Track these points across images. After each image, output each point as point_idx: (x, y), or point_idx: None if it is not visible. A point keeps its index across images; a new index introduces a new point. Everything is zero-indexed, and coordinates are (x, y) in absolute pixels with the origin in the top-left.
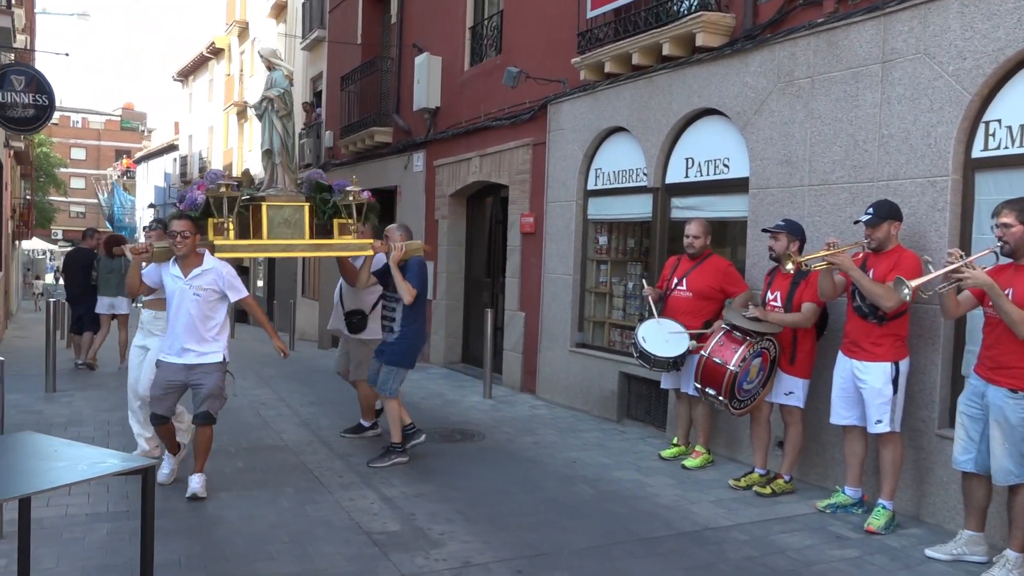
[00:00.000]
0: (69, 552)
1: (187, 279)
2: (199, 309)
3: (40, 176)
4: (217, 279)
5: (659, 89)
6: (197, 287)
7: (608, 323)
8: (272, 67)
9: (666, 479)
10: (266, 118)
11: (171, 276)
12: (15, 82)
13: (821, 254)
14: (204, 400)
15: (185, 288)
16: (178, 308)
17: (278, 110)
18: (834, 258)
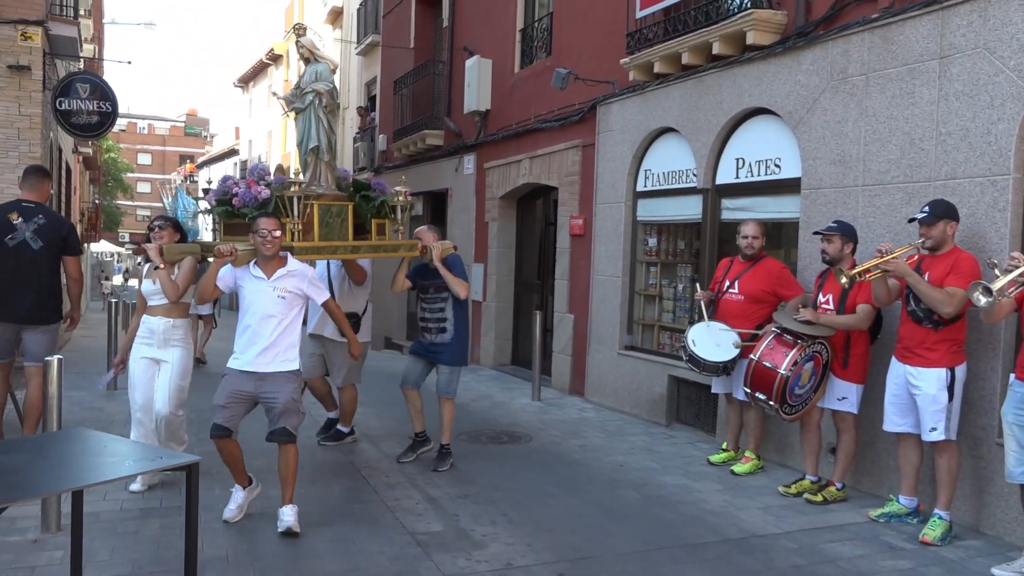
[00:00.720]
0: (122, 545)
1: (270, 280)
2: (282, 312)
3: (108, 181)
4: (300, 281)
5: (709, 89)
6: (281, 289)
7: (657, 325)
8: (313, 59)
9: (714, 484)
10: (311, 113)
11: (252, 278)
12: (80, 90)
13: (875, 262)
14: (280, 416)
15: (268, 290)
16: (255, 312)
17: (326, 105)
18: (888, 265)
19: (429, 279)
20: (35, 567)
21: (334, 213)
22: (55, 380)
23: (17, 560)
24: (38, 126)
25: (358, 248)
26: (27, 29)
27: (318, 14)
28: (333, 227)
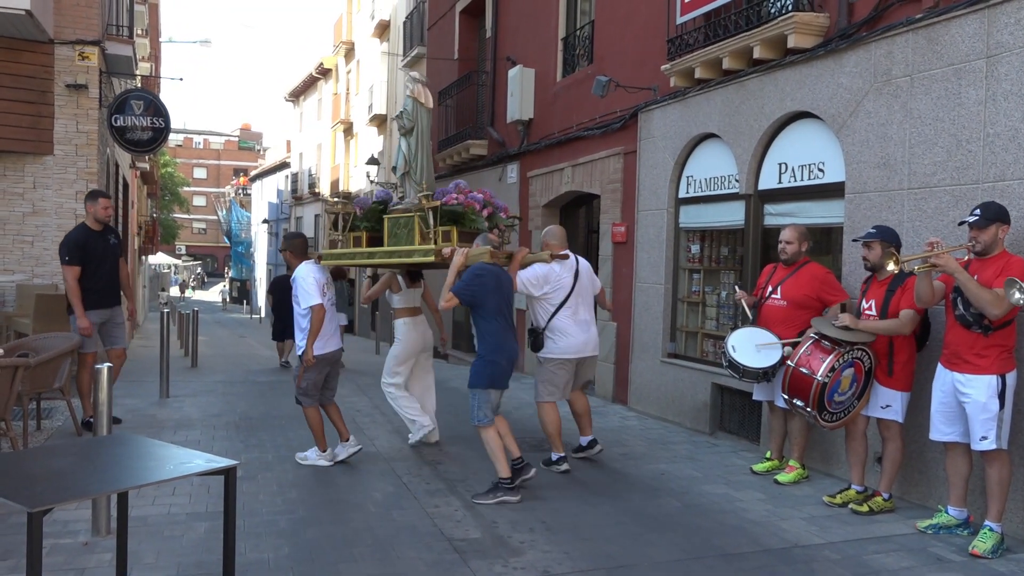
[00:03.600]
0: (168, 548)
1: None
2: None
3: (165, 195)
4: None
5: (750, 93)
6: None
7: (701, 333)
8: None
9: (757, 494)
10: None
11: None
12: (135, 106)
13: (923, 255)
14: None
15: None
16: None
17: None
18: (938, 259)
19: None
20: (84, 569)
21: (401, 224)
22: (104, 387)
23: (68, 562)
24: (95, 143)
25: (373, 254)
26: (84, 49)
27: (366, 28)
28: (400, 236)
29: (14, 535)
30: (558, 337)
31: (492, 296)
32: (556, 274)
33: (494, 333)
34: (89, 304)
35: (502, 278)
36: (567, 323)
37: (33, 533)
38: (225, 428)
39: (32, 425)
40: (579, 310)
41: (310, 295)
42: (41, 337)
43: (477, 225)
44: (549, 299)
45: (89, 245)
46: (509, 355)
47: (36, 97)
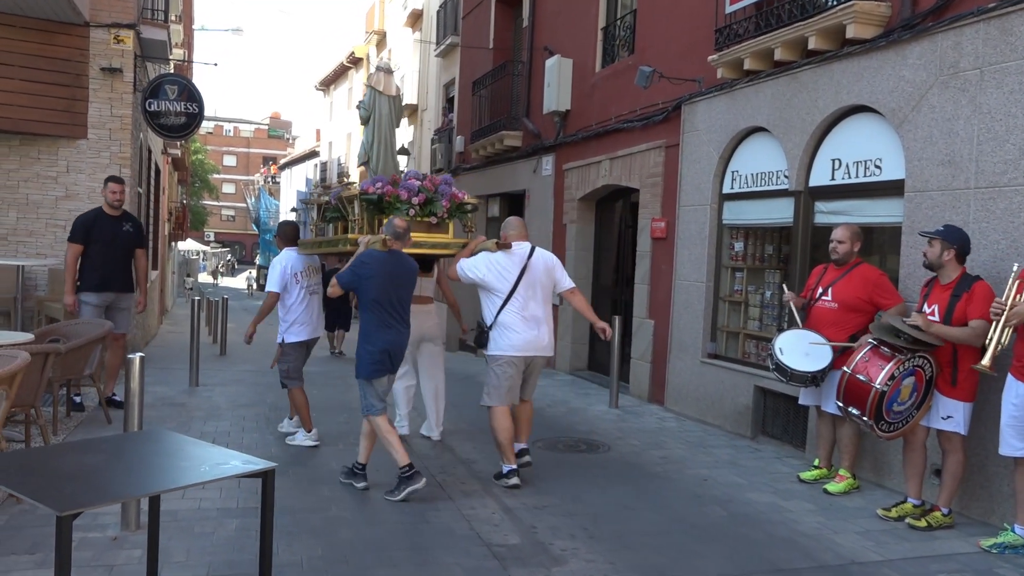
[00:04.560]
0: (198, 546)
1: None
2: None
3: (195, 181)
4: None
5: (803, 86)
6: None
7: (743, 333)
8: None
9: (806, 504)
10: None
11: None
12: (168, 91)
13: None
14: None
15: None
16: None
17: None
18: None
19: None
20: (114, 566)
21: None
22: (137, 377)
23: (97, 557)
24: (129, 127)
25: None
26: (120, 33)
27: (398, 17)
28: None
29: (41, 527)
30: (503, 333)
31: (373, 284)
32: (499, 264)
33: (368, 321)
34: (91, 285)
35: (396, 267)
36: (513, 318)
37: (62, 536)
38: (255, 420)
39: (61, 412)
40: (528, 304)
41: (273, 281)
42: (72, 323)
43: (403, 213)
44: (494, 291)
45: (97, 227)
46: (383, 344)
47: (71, 80)
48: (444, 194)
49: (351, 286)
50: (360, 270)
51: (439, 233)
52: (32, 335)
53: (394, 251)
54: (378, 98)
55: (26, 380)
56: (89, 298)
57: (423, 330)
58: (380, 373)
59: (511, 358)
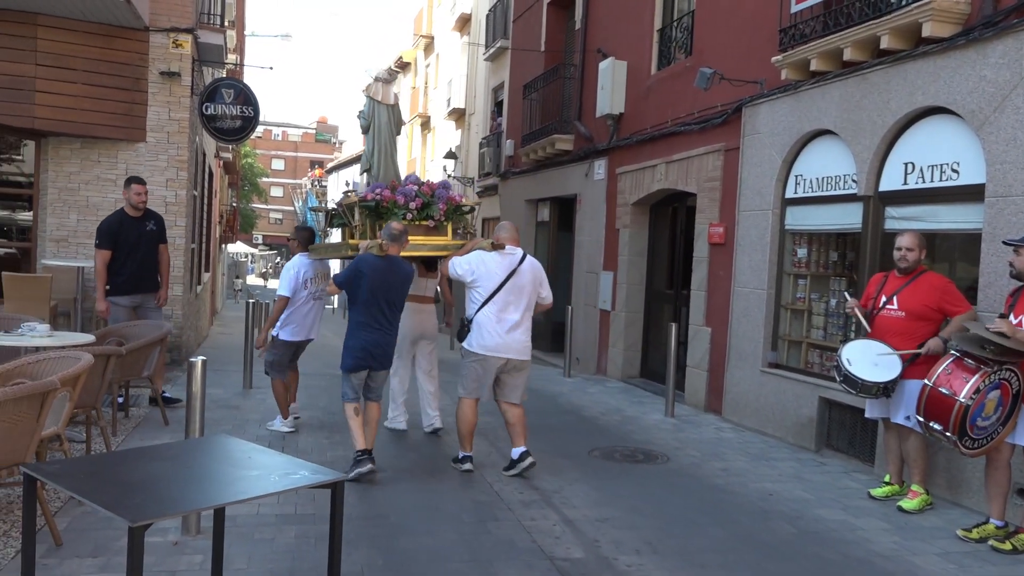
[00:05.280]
0: (259, 553)
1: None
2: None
3: (245, 185)
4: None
5: (874, 87)
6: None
7: (806, 342)
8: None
9: (879, 522)
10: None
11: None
12: (225, 95)
13: None
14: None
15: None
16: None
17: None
18: None
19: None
20: (176, 572)
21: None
22: (198, 381)
23: (159, 563)
24: (186, 130)
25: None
26: (178, 37)
27: (446, 22)
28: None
29: (103, 530)
30: (477, 332)
31: (366, 286)
32: (487, 266)
33: (354, 321)
34: (122, 288)
35: (388, 271)
36: (489, 319)
37: (134, 546)
38: (308, 423)
39: (120, 413)
40: (508, 308)
41: (283, 285)
42: (131, 324)
43: (398, 218)
44: (477, 289)
45: (122, 231)
46: (364, 344)
47: (130, 84)
48: (441, 197)
49: (344, 286)
50: (353, 272)
51: (437, 236)
52: (93, 336)
53: (390, 256)
54: (377, 107)
55: (88, 381)
56: (121, 300)
57: (423, 328)
58: (358, 368)
59: (481, 356)
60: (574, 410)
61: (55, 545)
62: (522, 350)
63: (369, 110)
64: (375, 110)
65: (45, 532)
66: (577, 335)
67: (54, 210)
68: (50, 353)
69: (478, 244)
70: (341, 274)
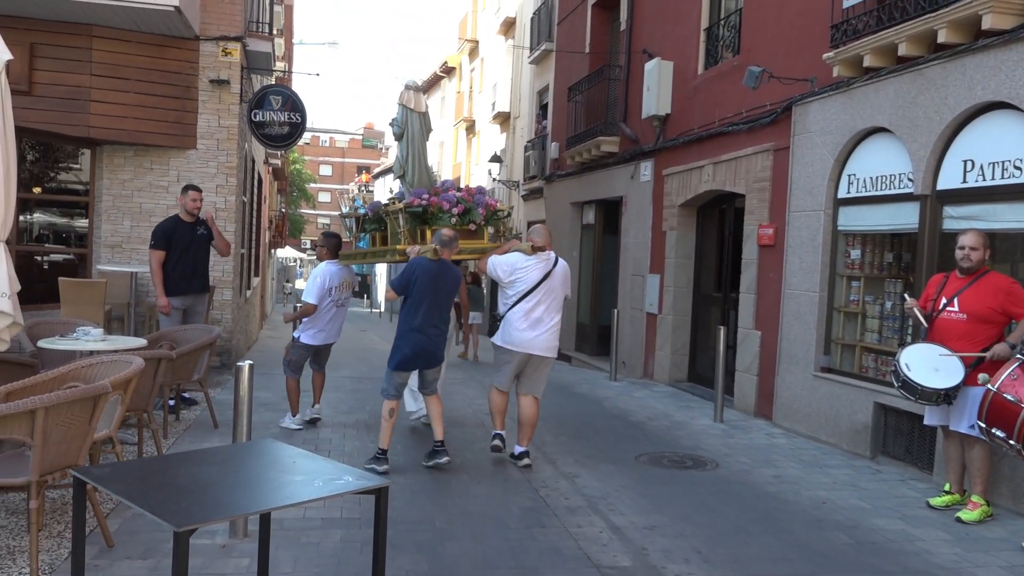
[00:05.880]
0: (305, 557)
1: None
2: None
3: (293, 191)
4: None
5: (931, 82)
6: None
7: (860, 346)
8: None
9: (939, 533)
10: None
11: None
12: (273, 102)
13: None
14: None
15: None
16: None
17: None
18: None
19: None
20: (223, 575)
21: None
22: (245, 385)
23: (206, 565)
24: (235, 137)
25: (365, 255)
26: (227, 45)
27: (491, 26)
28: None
29: (153, 532)
30: (507, 329)
31: (418, 289)
32: (523, 268)
33: (406, 322)
34: (173, 289)
35: (440, 275)
36: (518, 317)
37: (180, 552)
38: (355, 427)
39: (171, 416)
40: (538, 308)
41: (310, 292)
42: (181, 328)
43: (444, 223)
44: (509, 290)
45: (177, 234)
46: (414, 345)
47: (181, 92)
48: (480, 203)
49: (402, 290)
50: (409, 276)
51: (476, 239)
52: (145, 340)
53: (442, 260)
54: (410, 115)
55: (140, 385)
56: (172, 301)
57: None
58: (404, 368)
59: (509, 351)
60: (621, 415)
61: (107, 547)
62: (547, 348)
63: (402, 118)
64: (408, 118)
65: (97, 533)
66: (623, 338)
67: (109, 216)
68: (103, 357)
69: (515, 246)
70: (396, 279)
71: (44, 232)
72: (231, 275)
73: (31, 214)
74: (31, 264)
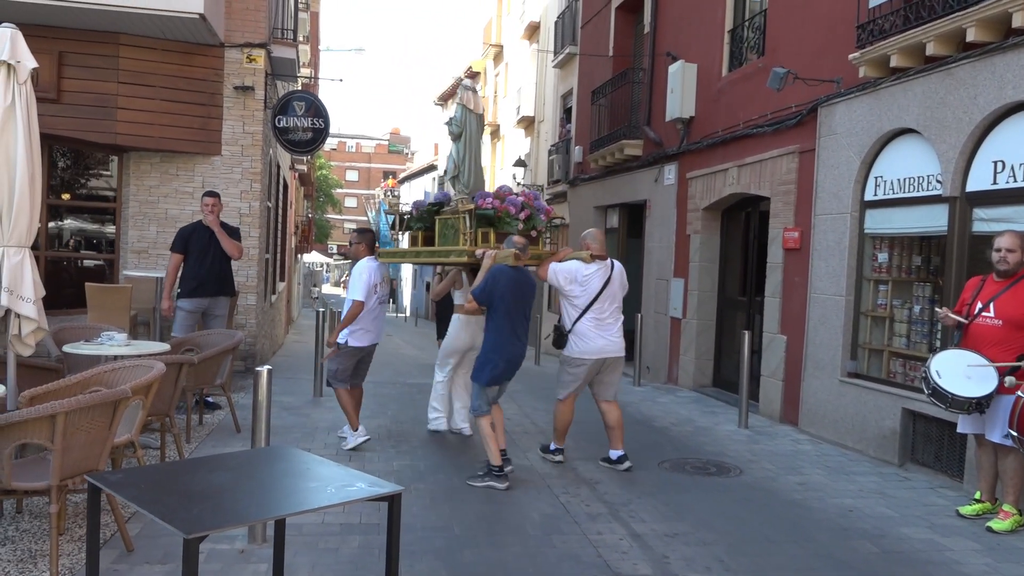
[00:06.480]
0: (323, 562)
1: None
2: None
3: (320, 196)
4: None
5: (960, 82)
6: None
7: (887, 351)
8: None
9: (968, 542)
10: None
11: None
12: (296, 107)
13: None
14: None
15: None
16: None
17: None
18: None
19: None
20: None
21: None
22: (264, 390)
23: (225, 571)
24: (259, 143)
25: (419, 253)
26: (252, 52)
27: (515, 30)
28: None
29: (173, 535)
30: (578, 340)
31: (504, 298)
32: (584, 276)
33: (496, 333)
34: (187, 291)
35: (521, 282)
36: (588, 327)
37: (189, 557)
38: (376, 432)
39: (194, 420)
40: (604, 314)
41: (357, 290)
42: (204, 333)
43: (510, 228)
44: (575, 301)
45: (194, 237)
46: (507, 356)
47: (206, 99)
48: (541, 209)
49: (489, 300)
50: (494, 284)
51: (533, 246)
52: (168, 345)
53: (520, 268)
54: (468, 116)
55: (161, 390)
56: (184, 304)
57: (475, 339)
58: (496, 382)
59: (582, 361)
60: (644, 420)
61: (127, 551)
62: (620, 348)
63: (461, 118)
64: (466, 118)
65: (118, 537)
66: (647, 343)
67: (135, 223)
68: (126, 362)
69: (572, 254)
70: (479, 287)
71: (76, 238)
72: (255, 280)
73: (62, 220)
74: (60, 270)
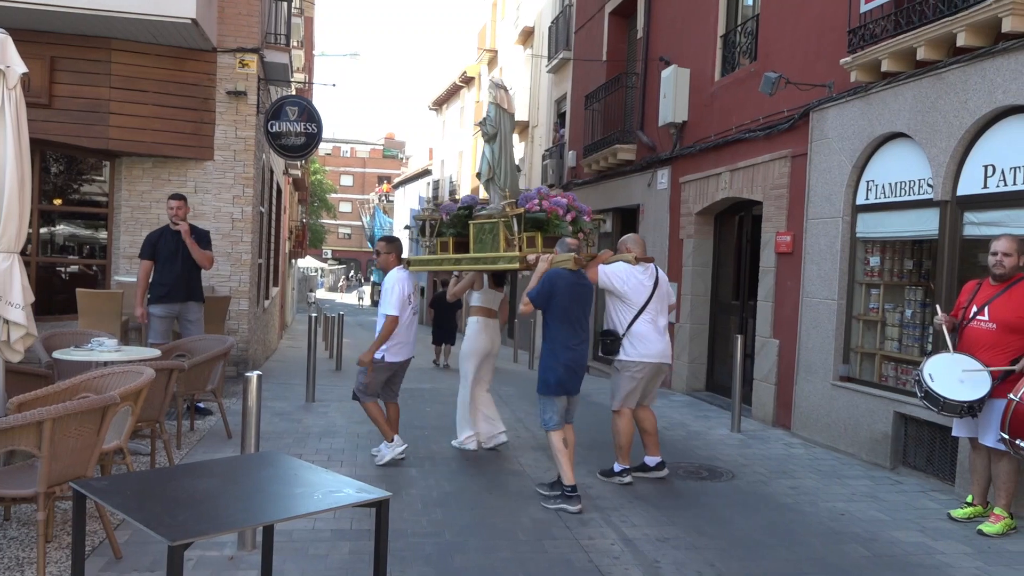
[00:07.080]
0: (313, 569)
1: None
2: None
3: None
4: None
5: (950, 87)
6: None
7: (879, 355)
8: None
9: (960, 546)
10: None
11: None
12: (289, 112)
13: None
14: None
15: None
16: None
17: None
18: None
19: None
20: None
21: (487, 230)
22: (254, 396)
23: None
24: (252, 148)
25: (460, 261)
26: (244, 57)
27: (509, 35)
28: (486, 242)
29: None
30: (638, 342)
31: (561, 302)
32: (637, 277)
33: (555, 339)
34: (156, 297)
35: (578, 285)
36: (647, 328)
37: (174, 566)
38: (368, 437)
39: (185, 425)
40: (658, 317)
41: (390, 304)
42: (195, 339)
43: (560, 230)
44: (630, 301)
45: (160, 243)
46: (568, 362)
47: (199, 104)
48: (583, 211)
49: (547, 304)
50: (552, 288)
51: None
52: (159, 351)
53: (578, 271)
54: (502, 116)
55: (151, 396)
56: (155, 310)
57: (494, 343)
58: (562, 390)
59: (644, 364)
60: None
61: (115, 558)
62: (670, 355)
63: (496, 118)
64: (501, 118)
65: (107, 544)
66: None
67: (127, 228)
68: (115, 368)
69: (617, 257)
70: (535, 289)
71: (68, 243)
72: (247, 285)
73: (54, 226)
74: (52, 276)
